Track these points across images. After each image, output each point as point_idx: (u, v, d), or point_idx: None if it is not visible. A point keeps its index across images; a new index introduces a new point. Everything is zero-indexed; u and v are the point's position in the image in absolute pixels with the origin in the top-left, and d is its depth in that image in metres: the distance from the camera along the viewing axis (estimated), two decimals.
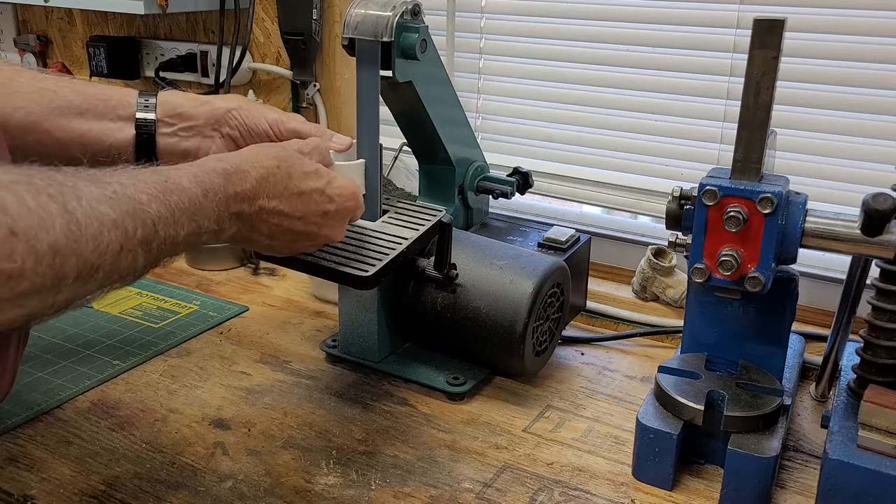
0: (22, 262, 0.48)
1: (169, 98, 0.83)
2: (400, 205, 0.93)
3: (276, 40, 1.38)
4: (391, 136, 1.06)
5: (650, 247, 1.12)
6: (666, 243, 0.84)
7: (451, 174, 1.03)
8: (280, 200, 0.70)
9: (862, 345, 0.82)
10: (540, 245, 1.02)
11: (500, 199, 1.07)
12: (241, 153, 0.71)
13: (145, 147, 0.82)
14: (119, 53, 1.51)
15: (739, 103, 0.75)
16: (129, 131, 0.81)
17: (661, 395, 0.80)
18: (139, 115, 0.81)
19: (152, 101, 0.82)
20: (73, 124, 0.79)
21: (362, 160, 0.86)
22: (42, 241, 0.49)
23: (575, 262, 1.01)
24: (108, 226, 0.54)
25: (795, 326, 0.91)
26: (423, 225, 0.88)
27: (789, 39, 0.85)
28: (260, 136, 0.83)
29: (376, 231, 0.87)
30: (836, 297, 0.88)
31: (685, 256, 0.79)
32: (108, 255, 0.54)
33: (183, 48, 1.48)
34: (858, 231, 0.74)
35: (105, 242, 0.54)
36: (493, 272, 0.90)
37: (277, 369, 0.98)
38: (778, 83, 0.73)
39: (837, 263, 1.04)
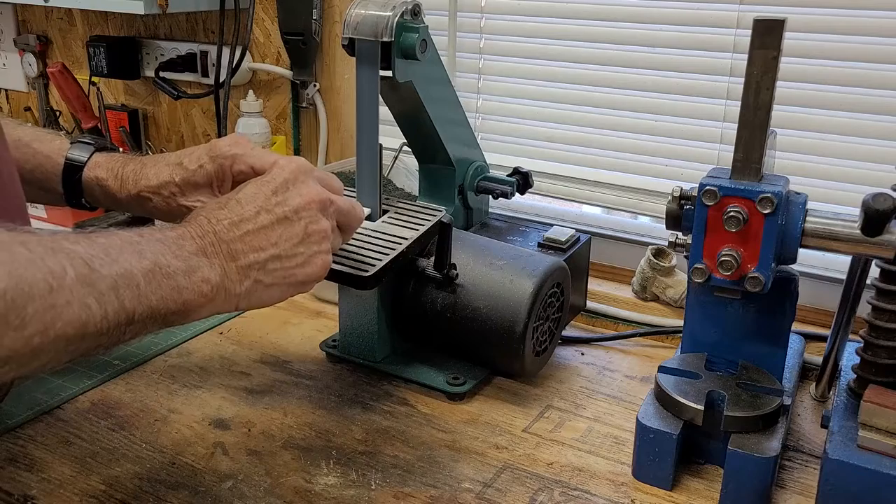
0: None
1: (97, 169, 0.82)
2: (400, 205, 0.93)
3: (276, 40, 1.38)
4: (391, 136, 1.06)
5: (650, 247, 1.12)
6: (666, 243, 0.84)
7: (451, 174, 1.03)
8: (226, 211, 0.66)
9: (862, 345, 0.82)
10: (540, 245, 1.02)
11: (500, 199, 1.07)
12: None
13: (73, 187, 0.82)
14: (119, 53, 1.52)
15: (739, 103, 0.75)
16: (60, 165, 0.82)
17: (661, 395, 0.80)
18: (71, 154, 0.82)
19: (85, 154, 0.82)
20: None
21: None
22: None
23: (575, 262, 1.01)
24: (22, 264, 0.49)
25: (795, 326, 0.91)
26: (423, 225, 0.88)
27: (789, 39, 0.85)
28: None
29: (376, 231, 0.87)
30: (836, 297, 0.88)
31: (685, 256, 0.79)
32: (36, 297, 0.49)
33: (183, 48, 1.48)
34: (858, 231, 0.74)
35: (26, 282, 0.49)
36: (493, 272, 0.90)
37: (277, 369, 0.98)
38: (778, 83, 0.73)
39: (837, 263, 1.04)
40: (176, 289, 0.60)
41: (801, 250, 0.77)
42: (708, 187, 0.75)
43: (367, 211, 0.87)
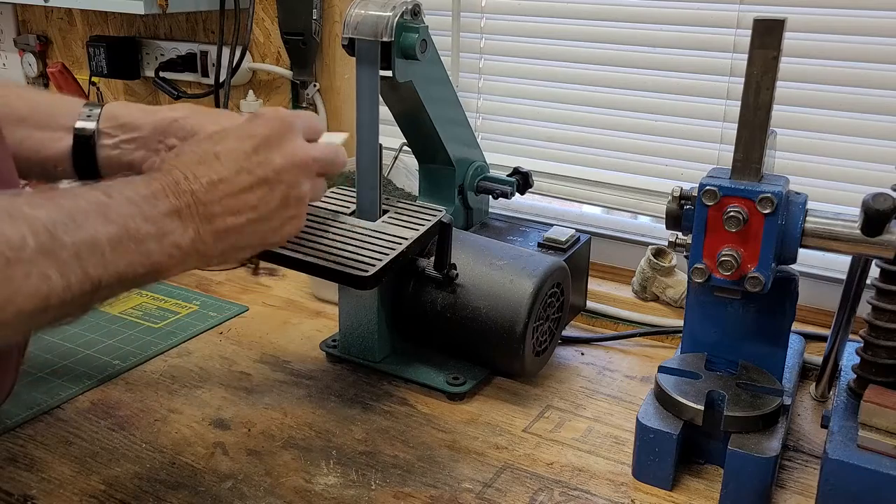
0: None
1: (114, 108, 0.77)
2: (400, 205, 0.93)
3: (276, 40, 1.38)
4: (391, 136, 1.06)
5: (650, 247, 1.12)
6: (666, 243, 0.84)
7: (451, 174, 1.03)
8: (205, 167, 0.61)
9: (862, 345, 0.82)
10: (540, 245, 1.02)
11: (500, 199, 1.07)
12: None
13: (84, 160, 0.75)
14: (119, 53, 1.51)
15: (739, 103, 0.75)
16: (67, 141, 0.74)
17: (661, 395, 0.80)
18: (79, 124, 0.75)
19: (96, 110, 0.76)
20: (9, 133, 0.70)
21: (343, 133, 0.83)
22: None
23: (575, 262, 1.01)
24: None
25: (795, 326, 0.91)
26: (423, 225, 0.88)
27: (789, 39, 0.85)
28: None
29: (376, 231, 0.87)
30: (836, 297, 0.88)
31: (685, 256, 0.79)
32: None
33: (183, 48, 1.48)
34: (858, 231, 0.74)
35: None
36: (493, 272, 0.90)
37: (277, 369, 0.98)
38: (778, 83, 0.73)
39: (837, 263, 1.04)
40: (145, 253, 0.57)
41: (801, 250, 0.77)
42: (708, 187, 0.75)
43: (343, 136, 0.82)
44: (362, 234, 0.86)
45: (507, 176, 1.07)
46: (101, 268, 0.54)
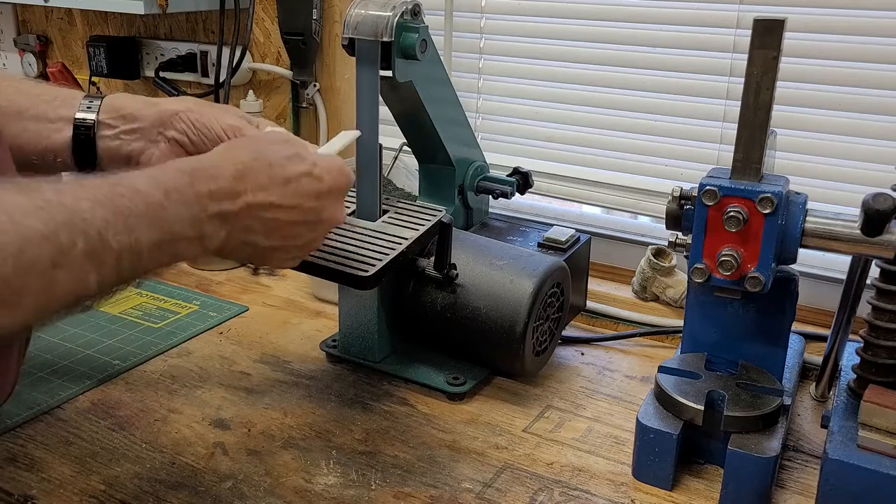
0: None
1: (115, 99, 0.77)
2: (400, 205, 0.93)
3: (276, 40, 1.38)
4: (391, 136, 1.06)
5: (650, 247, 1.12)
6: (666, 243, 0.84)
7: (451, 174, 1.03)
8: (267, 192, 0.64)
9: (862, 345, 0.82)
10: (540, 245, 1.02)
11: (500, 199, 1.07)
12: (211, 152, 0.66)
13: (84, 150, 0.75)
14: (119, 53, 1.51)
15: (739, 103, 0.75)
16: (67, 132, 0.74)
17: (661, 395, 0.80)
18: (79, 115, 0.75)
19: (96, 102, 0.76)
20: (8, 124, 0.71)
21: (355, 131, 0.84)
22: None
23: (575, 262, 1.01)
24: (34, 241, 0.48)
25: (795, 326, 0.91)
26: (423, 225, 0.88)
27: (789, 39, 0.85)
28: (212, 141, 0.75)
29: (376, 231, 0.87)
30: (836, 297, 0.88)
31: (685, 256, 0.79)
32: (35, 275, 0.48)
33: (183, 48, 1.48)
34: (858, 231, 0.74)
35: (28, 260, 0.47)
36: (493, 272, 0.90)
37: (277, 369, 0.98)
38: (778, 83, 0.73)
39: (837, 263, 1.04)
40: (175, 255, 0.59)
41: (801, 250, 0.77)
42: (708, 187, 0.75)
43: (356, 133, 0.85)
44: (362, 234, 0.86)
45: (507, 176, 1.07)
46: (133, 270, 0.56)
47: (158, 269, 0.59)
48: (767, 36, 0.72)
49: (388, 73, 0.87)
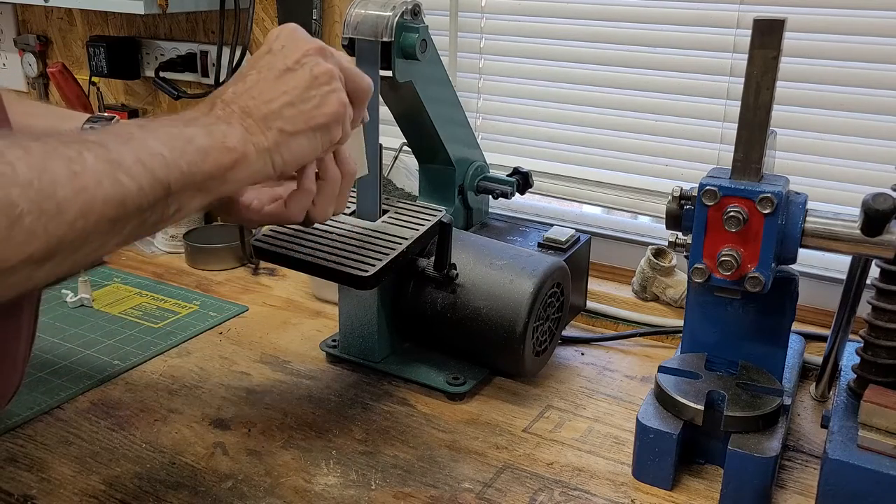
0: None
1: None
2: (400, 205, 0.93)
3: None
4: (391, 136, 1.06)
5: (650, 247, 1.12)
6: (666, 243, 0.84)
7: (451, 174, 1.03)
8: (232, 86, 0.64)
9: (862, 345, 0.82)
10: (540, 245, 1.02)
11: (500, 199, 1.07)
12: None
13: None
14: (119, 53, 1.51)
15: (739, 103, 0.75)
16: None
17: (661, 395, 0.80)
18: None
19: (99, 125, 0.77)
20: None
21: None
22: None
23: (575, 262, 1.01)
24: (38, 155, 0.49)
25: (795, 326, 0.91)
26: (423, 225, 0.88)
27: (789, 39, 0.85)
28: None
29: (376, 231, 0.87)
30: (836, 297, 0.88)
31: (685, 256, 0.79)
32: (63, 180, 0.49)
33: (183, 48, 1.48)
34: (858, 231, 0.74)
35: (51, 170, 0.49)
36: (493, 272, 0.90)
37: (277, 369, 0.98)
38: (778, 83, 0.73)
39: (837, 263, 1.04)
40: (201, 150, 0.58)
41: (801, 250, 0.77)
42: (708, 187, 0.75)
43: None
44: (362, 234, 0.86)
45: (507, 176, 1.07)
46: (166, 169, 0.55)
47: (206, 171, 0.58)
48: (767, 36, 0.72)
49: (389, 73, 0.87)
